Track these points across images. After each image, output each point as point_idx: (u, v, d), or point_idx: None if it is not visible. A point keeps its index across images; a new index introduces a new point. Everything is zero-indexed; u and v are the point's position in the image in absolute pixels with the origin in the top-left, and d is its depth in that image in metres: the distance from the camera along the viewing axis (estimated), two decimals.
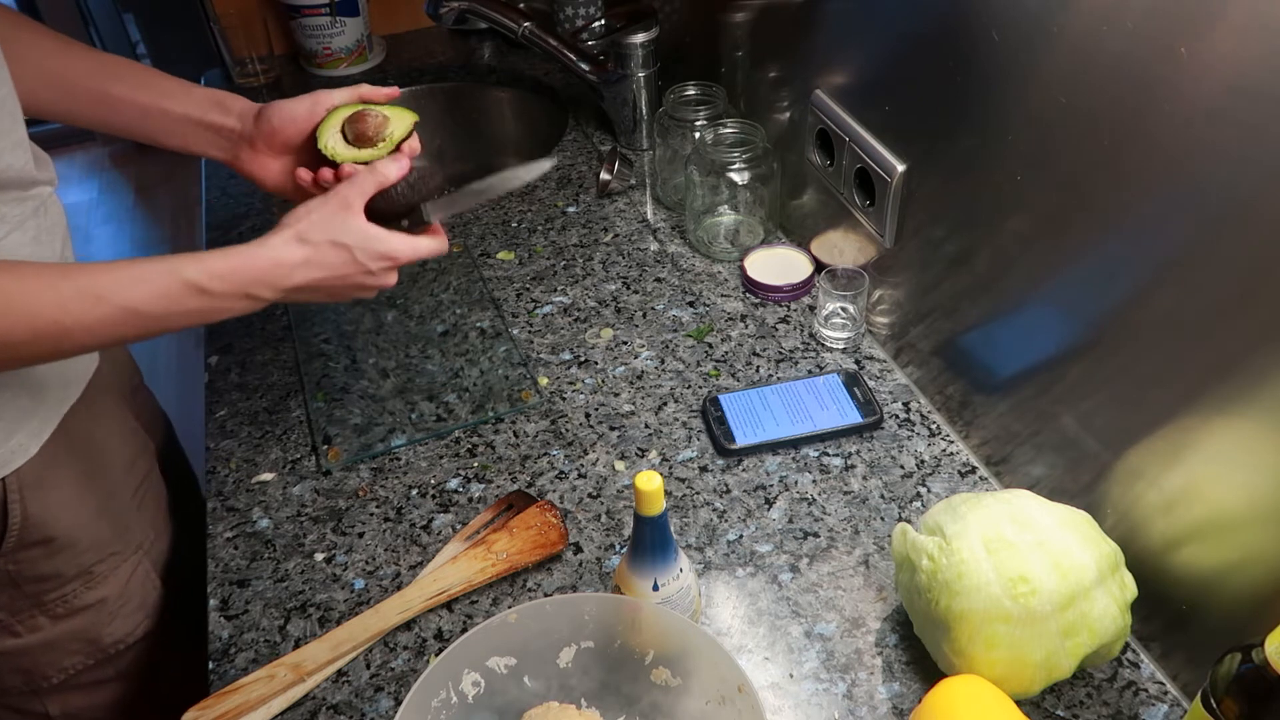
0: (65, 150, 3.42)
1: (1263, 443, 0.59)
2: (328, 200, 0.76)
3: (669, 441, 0.93)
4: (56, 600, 0.84)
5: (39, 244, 0.77)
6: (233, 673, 0.75)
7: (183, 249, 0.75)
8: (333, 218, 0.75)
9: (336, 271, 0.76)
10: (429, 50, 1.62)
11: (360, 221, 0.76)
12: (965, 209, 0.83)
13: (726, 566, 0.82)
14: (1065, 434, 0.77)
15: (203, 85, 0.88)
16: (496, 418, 0.96)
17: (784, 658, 0.75)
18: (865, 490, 0.87)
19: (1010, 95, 0.73)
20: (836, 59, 0.97)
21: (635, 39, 1.25)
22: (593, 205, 1.26)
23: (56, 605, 0.84)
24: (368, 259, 0.76)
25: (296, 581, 0.82)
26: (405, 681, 0.75)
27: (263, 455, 0.94)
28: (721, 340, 1.04)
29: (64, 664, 0.87)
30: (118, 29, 3.40)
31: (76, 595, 0.85)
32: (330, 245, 0.75)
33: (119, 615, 0.89)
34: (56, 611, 0.85)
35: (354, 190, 0.77)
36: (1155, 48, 0.59)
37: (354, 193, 0.77)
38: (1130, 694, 0.71)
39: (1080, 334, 0.73)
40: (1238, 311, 0.59)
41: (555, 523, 0.83)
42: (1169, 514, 0.68)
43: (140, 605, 0.91)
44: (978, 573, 0.65)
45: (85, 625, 0.87)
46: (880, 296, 1.00)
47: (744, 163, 1.09)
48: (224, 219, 1.26)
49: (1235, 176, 0.57)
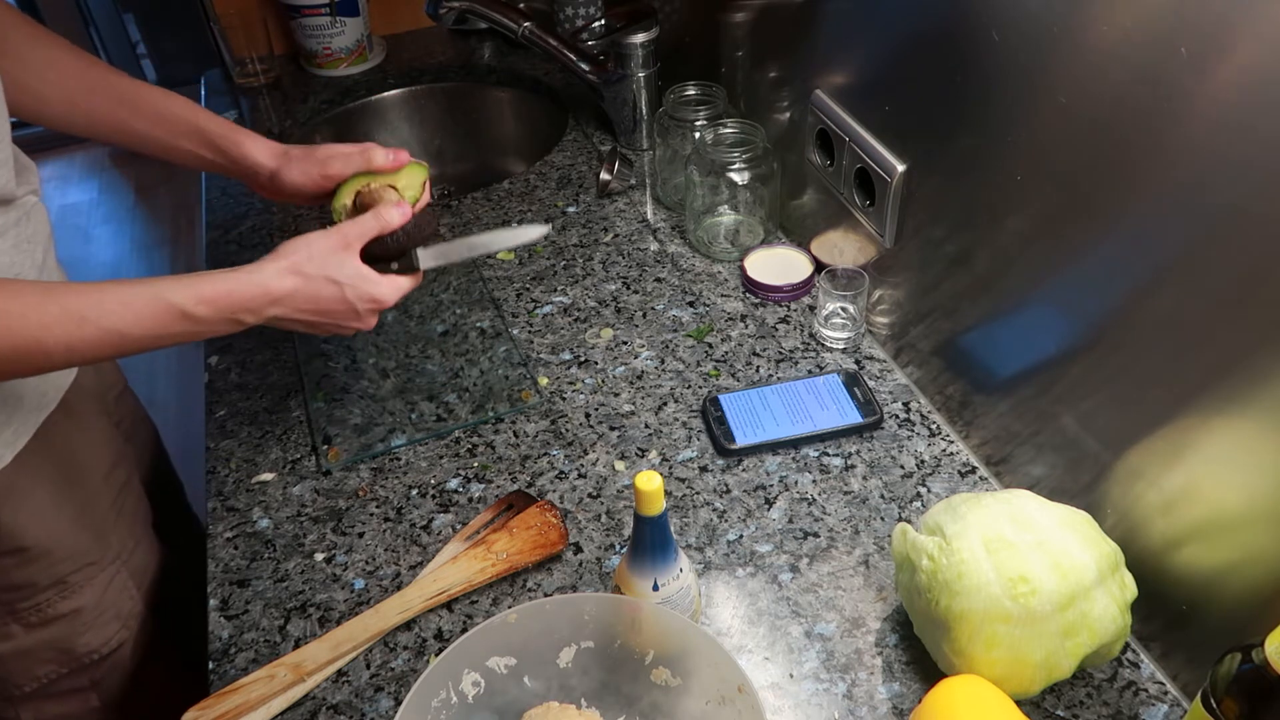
0: (65, 150, 3.42)
1: (1263, 443, 0.59)
2: (329, 235, 0.78)
3: (669, 441, 0.93)
4: (30, 609, 0.84)
5: (18, 251, 0.76)
6: (233, 673, 0.75)
7: (183, 249, 0.75)
8: (330, 254, 0.77)
9: (323, 306, 0.77)
10: (429, 50, 1.62)
11: (356, 262, 0.78)
12: (965, 209, 0.83)
13: (726, 566, 0.82)
14: (1065, 434, 0.77)
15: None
16: (496, 418, 0.96)
17: (784, 658, 0.75)
18: (865, 490, 0.87)
19: (1010, 95, 0.73)
20: (836, 59, 0.97)
21: (635, 39, 1.25)
22: (593, 205, 1.26)
23: (30, 614, 0.84)
24: (356, 299, 0.78)
25: (296, 581, 0.82)
26: (405, 681, 0.75)
27: (263, 455, 0.94)
28: (721, 340, 1.04)
29: (37, 673, 0.87)
30: (118, 29, 3.40)
31: (51, 604, 0.85)
32: (324, 280, 0.76)
33: (94, 625, 0.88)
34: (30, 620, 0.84)
35: (355, 231, 0.79)
36: (1156, 47, 0.59)
37: (355, 233, 0.79)
38: (1130, 694, 0.71)
39: (1080, 334, 0.73)
40: (1238, 311, 0.59)
41: (555, 523, 0.83)
42: (1169, 514, 0.68)
43: (116, 615, 0.90)
44: (978, 573, 0.65)
45: (59, 635, 0.86)
46: (880, 296, 1.00)
47: (744, 163, 1.09)
48: (224, 219, 1.26)
49: (1236, 176, 0.57)
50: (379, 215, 0.80)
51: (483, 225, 1.23)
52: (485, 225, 1.23)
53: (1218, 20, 0.55)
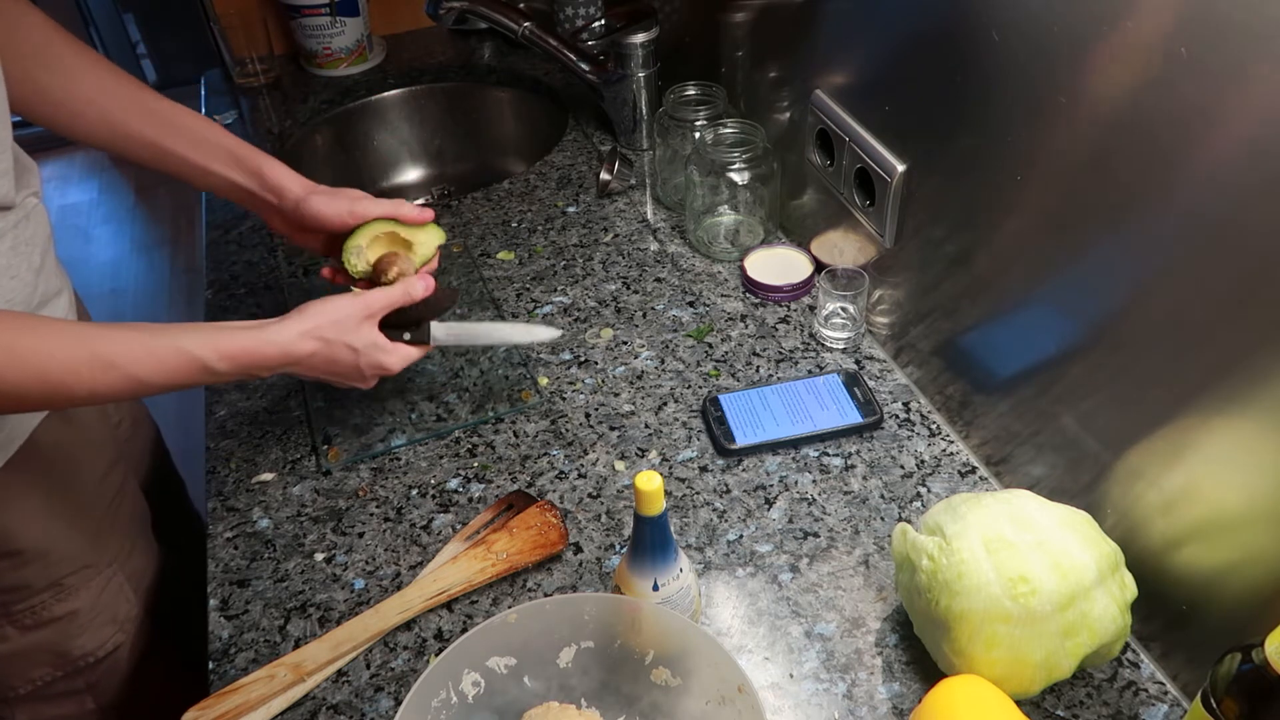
0: (65, 150, 3.42)
1: (1263, 443, 0.59)
2: (354, 303, 0.81)
3: (669, 441, 0.93)
4: (24, 611, 0.84)
5: (15, 254, 0.76)
6: (233, 673, 0.75)
7: (183, 249, 0.76)
8: (352, 321, 0.80)
9: (335, 368, 0.81)
10: (429, 50, 1.62)
11: (373, 331, 0.82)
12: (965, 209, 0.83)
13: (726, 566, 0.82)
14: (1065, 434, 0.77)
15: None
16: (496, 418, 0.96)
17: (784, 658, 0.75)
18: (865, 490, 0.87)
19: (1010, 95, 0.73)
20: (836, 59, 0.97)
21: (635, 39, 1.25)
22: (593, 205, 1.26)
23: (24, 616, 0.84)
24: (367, 365, 0.82)
25: (296, 581, 0.82)
26: (405, 681, 0.75)
27: (263, 455, 0.94)
28: (721, 340, 1.04)
29: (31, 675, 0.87)
30: (118, 29, 3.40)
31: (45, 607, 0.85)
32: (343, 346, 0.80)
33: (89, 628, 0.88)
34: (24, 622, 0.84)
35: (381, 301, 0.82)
36: (1156, 48, 0.59)
37: (380, 304, 0.82)
38: (1130, 694, 0.71)
39: (1080, 334, 0.73)
40: (1238, 311, 0.59)
41: (555, 523, 0.83)
42: (1169, 514, 0.68)
43: (112, 619, 0.90)
44: (978, 573, 0.65)
45: (54, 637, 0.86)
46: (880, 296, 1.00)
47: (744, 163, 1.09)
48: (224, 219, 1.26)
49: (1236, 176, 0.57)
50: (406, 288, 0.84)
51: (483, 225, 1.23)
52: (485, 225, 1.23)
53: (1218, 20, 0.55)
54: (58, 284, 0.83)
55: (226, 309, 1.12)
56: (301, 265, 1.17)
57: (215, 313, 1.11)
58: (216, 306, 1.12)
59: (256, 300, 1.13)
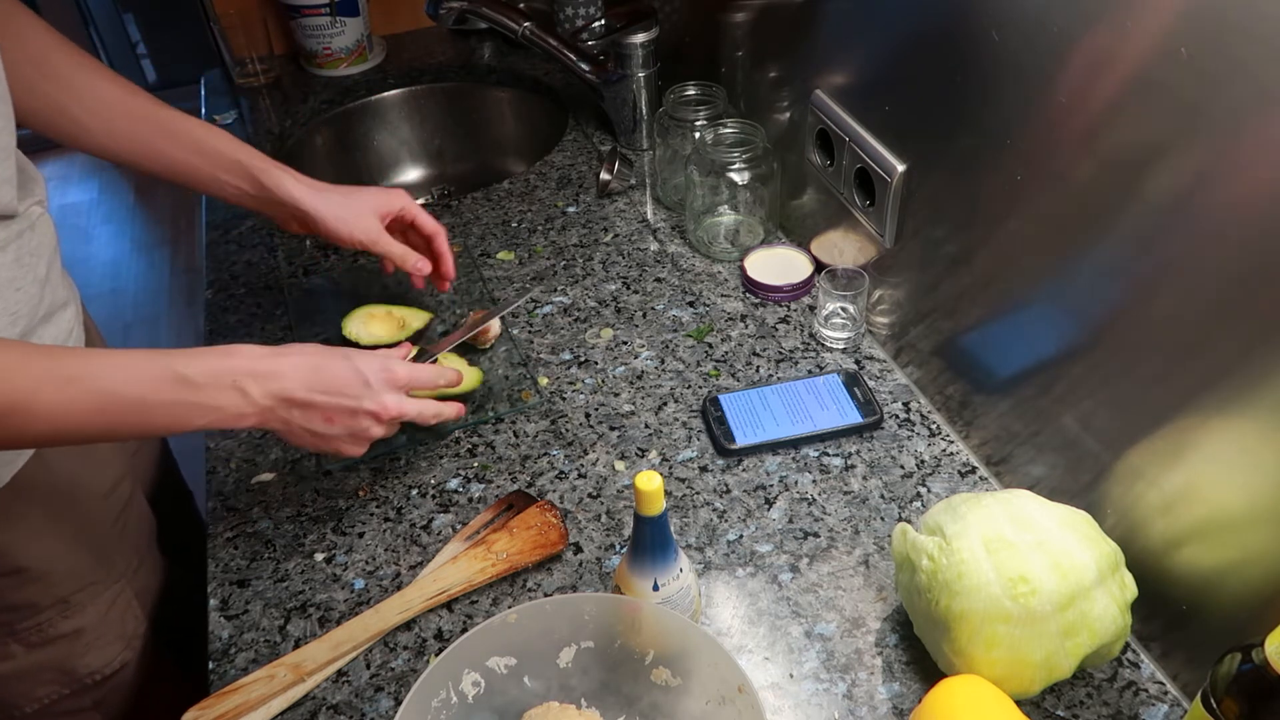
0: (65, 150, 3.41)
1: (1262, 443, 0.59)
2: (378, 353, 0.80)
3: (669, 441, 0.93)
4: (30, 629, 0.83)
5: (19, 265, 0.75)
6: (233, 673, 0.75)
7: (183, 249, 0.75)
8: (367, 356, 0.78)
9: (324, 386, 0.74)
10: (429, 50, 1.62)
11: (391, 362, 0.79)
12: (965, 209, 0.83)
13: (726, 566, 0.82)
14: (1065, 434, 0.77)
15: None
16: (496, 418, 0.96)
17: (784, 658, 0.75)
18: (865, 490, 0.87)
19: (1010, 95, 0.73)
20: (836, 59, 0.97)
21: (635, 39, 1.25)
22: (593, 205, 1.26)
23: (30, 634, 0.83)
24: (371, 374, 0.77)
25: (296, 581, 0.82)
26: (405, 681, 0.75)
27: (263, 455, 0.94)
28: (721, 340, 1.04)
29: (38, 694, 0.86)
30: (118, 29, 3.40)
31: (51, 624, 0.84)
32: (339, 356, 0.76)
33: (95, 646, 0.87)
34: (30, 640, 0.83)
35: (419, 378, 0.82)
36: (1156, 49, 0.59)
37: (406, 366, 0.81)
38: (1130, 694, 0.71)
39: (1080, 334, 0.73)
40: (1238, 312, 0.59)
41: (555, 523, 0.83)
42: (1169, 514, 0.68)
43: (119, 636, 0.89)
44: (978, 573, 0.65)
45: (60, 655, 0.85)
46: (880, 296, 1.00)
47: (744, 163, 1.09)
48: (224, 219, 1.26)
49: (1236, 175, 0.57)
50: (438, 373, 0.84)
51: (483, 225, 1.23)
52: (485, 225, 1.23)
53: (1218, 21, 0.55)
54: (64, 295, 0.82)
55: (226, 309, 1.12)
56: (301, 265, 1.17)
57: (215, 313, 1.11)
58: (216, 306, 1.12)
59: (256, 300, 1.13)
